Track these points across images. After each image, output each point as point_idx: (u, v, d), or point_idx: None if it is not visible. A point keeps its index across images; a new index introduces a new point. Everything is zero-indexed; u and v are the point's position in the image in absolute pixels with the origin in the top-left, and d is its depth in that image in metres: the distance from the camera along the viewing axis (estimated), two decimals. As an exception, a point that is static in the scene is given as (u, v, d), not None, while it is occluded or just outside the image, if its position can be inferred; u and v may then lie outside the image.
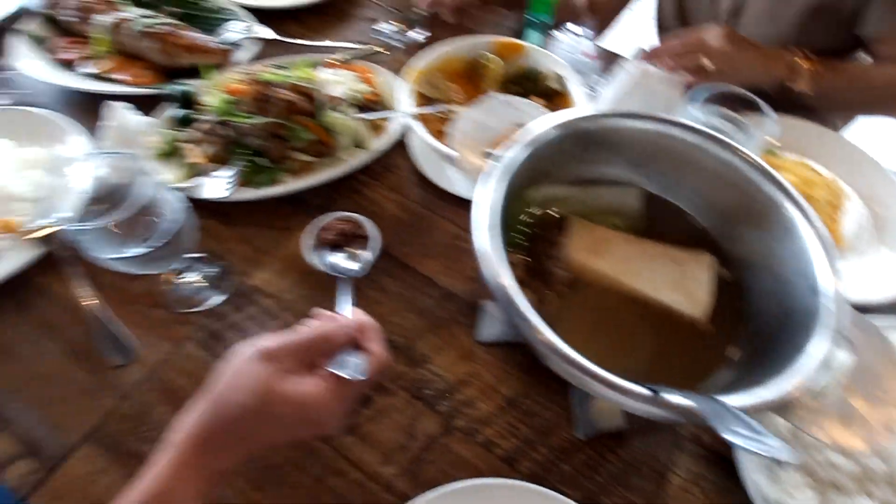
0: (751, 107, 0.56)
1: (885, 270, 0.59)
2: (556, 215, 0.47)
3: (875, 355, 0.33)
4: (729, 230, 0.45)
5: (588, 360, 0.31)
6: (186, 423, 0.32)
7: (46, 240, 0.55)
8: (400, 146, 0.68)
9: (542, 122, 0.41)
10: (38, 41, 0.73)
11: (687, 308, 0.42)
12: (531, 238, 0.46)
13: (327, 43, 0.78)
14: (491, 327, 0.51)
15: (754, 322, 0.41)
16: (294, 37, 0.79)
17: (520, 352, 0.52)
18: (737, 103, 0.54)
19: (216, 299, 0.56)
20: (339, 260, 0.56)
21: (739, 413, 0.29)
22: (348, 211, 0.60)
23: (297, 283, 0.57)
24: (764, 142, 0.53)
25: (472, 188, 0.62)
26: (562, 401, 0.49)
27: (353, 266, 0.55)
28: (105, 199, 0.45)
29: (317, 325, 0.37)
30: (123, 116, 0.63)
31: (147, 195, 0.42)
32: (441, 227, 0.62)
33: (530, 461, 0.47)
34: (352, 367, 0.34)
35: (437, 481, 0.43)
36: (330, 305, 0.47)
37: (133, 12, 0.72)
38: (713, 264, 0.44)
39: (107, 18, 0.71)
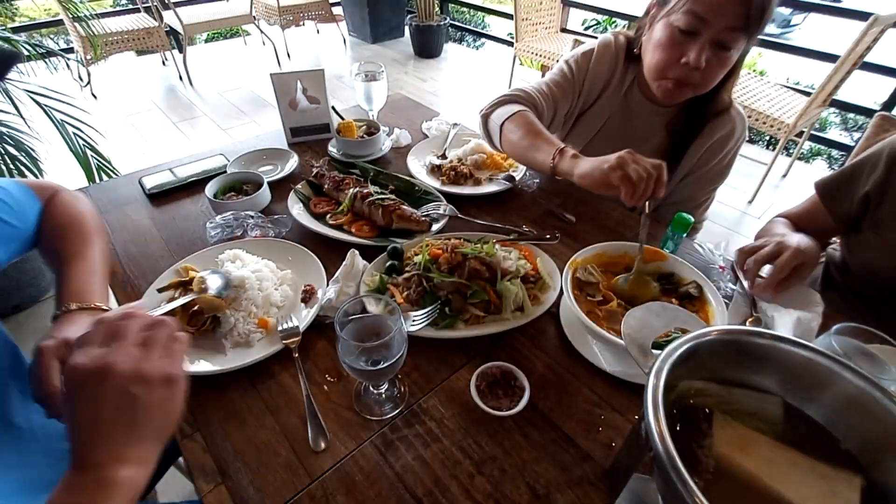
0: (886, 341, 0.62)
1: None
2: (705, 407, 0.54)
3: None
4: (875, 458, 0.49)
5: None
6: None
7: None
8: (552, 316, 0.82)
9: (703, 329, 0.52)
10: (304, 198, 1.06)
11: (837, 525, 0.45)
12: (680, 423, 0.54)
13: (498, 224, 1.01)
14: (632, 499, 0.56)
15: None
16: (473, 217, 1.03)
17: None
18: (872, 338, 0.61)
19: (393, 413, 0.69)
20: (496, 401, 0.68)
21: None
22: (505, 362, 0.73)
23: (458, 413, 0.69)
24: None
25: (615, 367, 0.73)
26: None
27: (507, 412, 0.66)
28: (361, 320, 0.64)
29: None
30: (354, 258, 0.87)
31: (396, 330, 0.59)
32: (582, 393, 0.72)
33: None
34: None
35: None
36: (483, 438, 0.58)
37: (371, 188, 1.02)
38: (859, 485, 0.47)
39: (353, 190, 1.02)
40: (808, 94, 2.65)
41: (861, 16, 2.44)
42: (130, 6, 4.25)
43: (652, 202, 0.81)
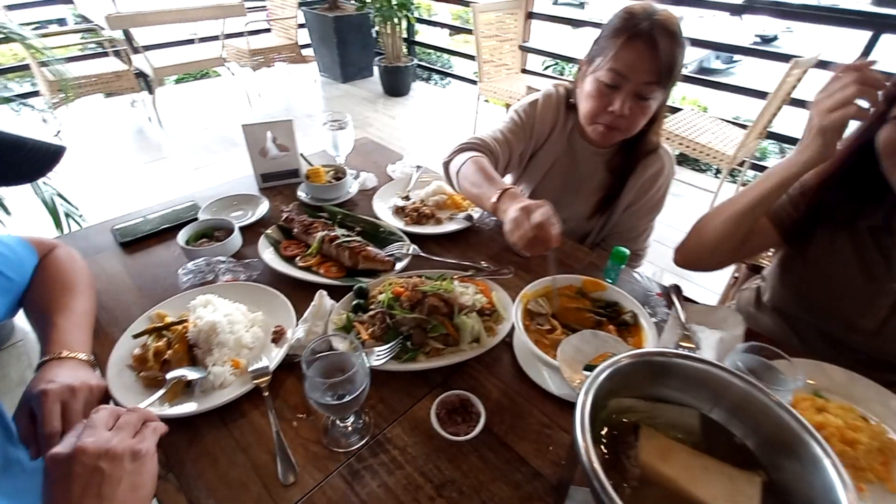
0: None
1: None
2: (633, 422, 0.62)
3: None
4: (773, 457, 0.57)
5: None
6: None
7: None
8: (506, 345, 0.89)
9: (624, 353, 0.60)
10: (274, 242, 1.12)
11: (739, 519, 0.52)
12: (610, 437, 0.61)
13: (457, 261, 1.09)
14: (574, 509, 0.63)
15: None
16: (434, 255, 1.11)
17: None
18: (773, 354, 0.71)
19: (359, 444, 0.74)
20: (454, 427, 0.74)
21: None
22: (464, 390, 0.79)
23: (420, 440, 0.74)
24: (795, 383, 0.67)
25: (563, 390, 0.80)
26: None
27: (464, 437, 0.72)
28: (327, 357, 0.69)
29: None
30: (322, 298, 0.92)
31: (358, 365, 0.65)
32: (533, 416, 0.78)
33: None
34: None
35: None
36: (443, 463, 0.64)
37: (338, 231, 1.09)
38: (759, 484, 0.55)
39: (321, 234, 1.08)
40: (746, 127, 2.90)
41: (785, 58, 2.72)
42: (100, 50, 4.29)
43: (553, 255, 0.86)
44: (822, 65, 2.78)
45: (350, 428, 0.75)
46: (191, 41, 4.65)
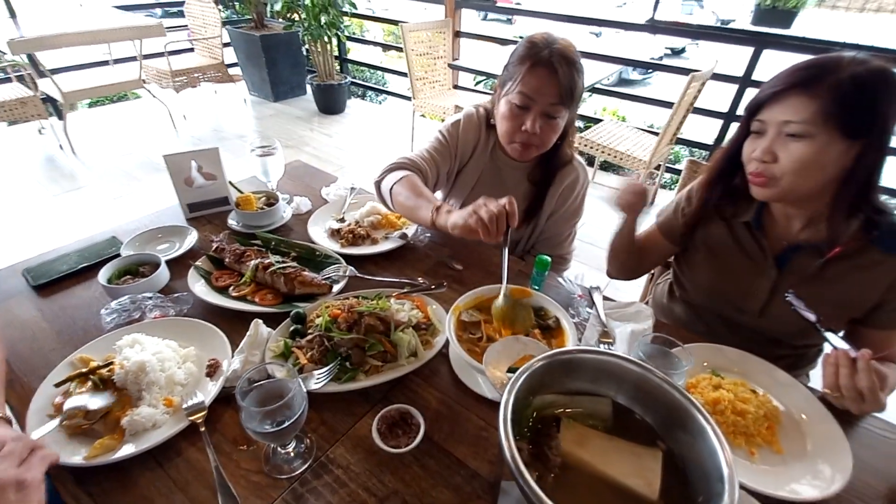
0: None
1: (816, 472, 0.75)
2: (552, 415, 0.68)
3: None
4: (670, 432, 0.65)
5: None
6: None
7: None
8: (443, 356, 0.94)
9: (541, 354, 0.66)
10: (205, 273, 1.10)
11: (645, 490, 0.60)
12: (534, 431, 0.67)
13: (393, 279, 1.13)
14: (506, 502, 0.68)
15: (689, 499, 0.58)
16: (371, 274, 1.14)
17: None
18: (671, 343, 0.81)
19: (301, 468, 0.75)
20: (395, 440, 0.77)
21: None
22: (403, 403, 0.83)
23: (363, 457, 0.77)
24: (687, 366, 0.77)
25: (495, 394, 0.85)
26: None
27: (405, 448, 0.75)
28: (263, 386, 0.70)
29: None
30: (258, 327, 0.93)
31: (293, 392, 0.67)
32: (471, 421, 0.83)
33: None
34: None
35: None
36: (386, 476, 0.67)
37: (273, 258, 1.10)
38: (661, 457, 0.63)
39: (254, 262, 1.08)
40: (658, 134, 3.18)
41: (685, 72, 3.03)
42: (1, 76, 3.94)
43: (508, 236, 0.96)
44: (717, 77, 3.12)
45: (292, 454, 0.76)
46: (105, 63, 4.39)
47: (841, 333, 0.84)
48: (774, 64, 0.94)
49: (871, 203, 0.90)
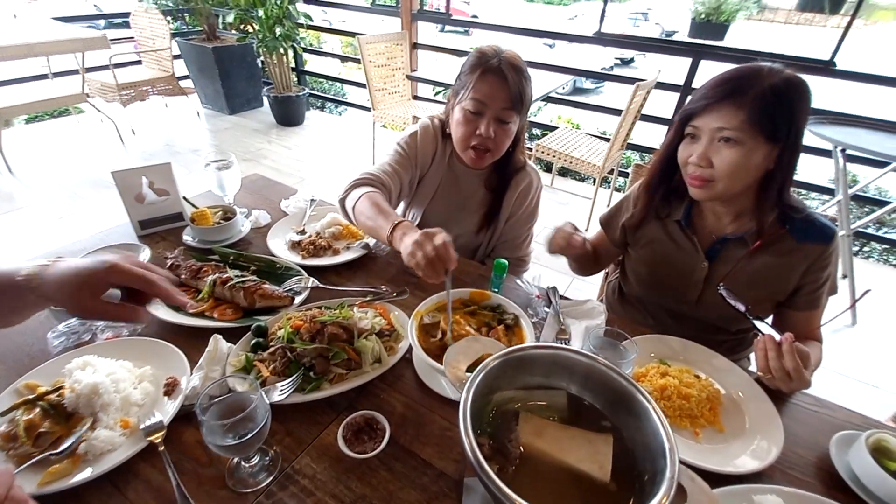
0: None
1: (755, 447, 0.82)
2: (511, 410, 0.71)
3: (699, 494, 0.55)
4: (619, 416, 0.70)
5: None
6: None
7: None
8: (407, 361, 0.96)
9: (496, 353, 0.70)
10: (160, 290, 1.07)
11: (598, 473, 0.63)
12: (495, 426, 0.70)
13: (356, 288, 1.14)
14: (471, 499, 0.70)
15: (639, 476, 0.63)
16: (334, 285, 1.15)
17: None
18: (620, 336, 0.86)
19: (267, 481, 0.74)
20: (361, 446, 0.78)
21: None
22: (369, 409, 0.84)
23: (329, 465, 0.77)
24: (633, 355, 0.82)
25: (456, 393, 0.88)
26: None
27: (371, 453, 0.76)
28: (224, 401, 0.70)
29: None
30: (217, 342, 0.91)
31: (255, 403, 0.67)
32: (435, 422, 0.85)
33: None
34: None
35: None
36: (353, 482, 0.68)
37: (231, 272, 1.08)
38: (611, 441, 0.67)
39: (211, 277, 1.07)
40: (609, 140, 3.33)
41: (631, 81, 3.20)
42: (-80, 90, 3.67)
43: (450, 276, 0.93)
44: (661, 85, 3.32)
45: (256, 467, 0.76)
46: (44, 76, 4.17)
47: (771, 317, 0.92)
48: (711, 73, 1.04)
49: (784, 198, 1.00)
